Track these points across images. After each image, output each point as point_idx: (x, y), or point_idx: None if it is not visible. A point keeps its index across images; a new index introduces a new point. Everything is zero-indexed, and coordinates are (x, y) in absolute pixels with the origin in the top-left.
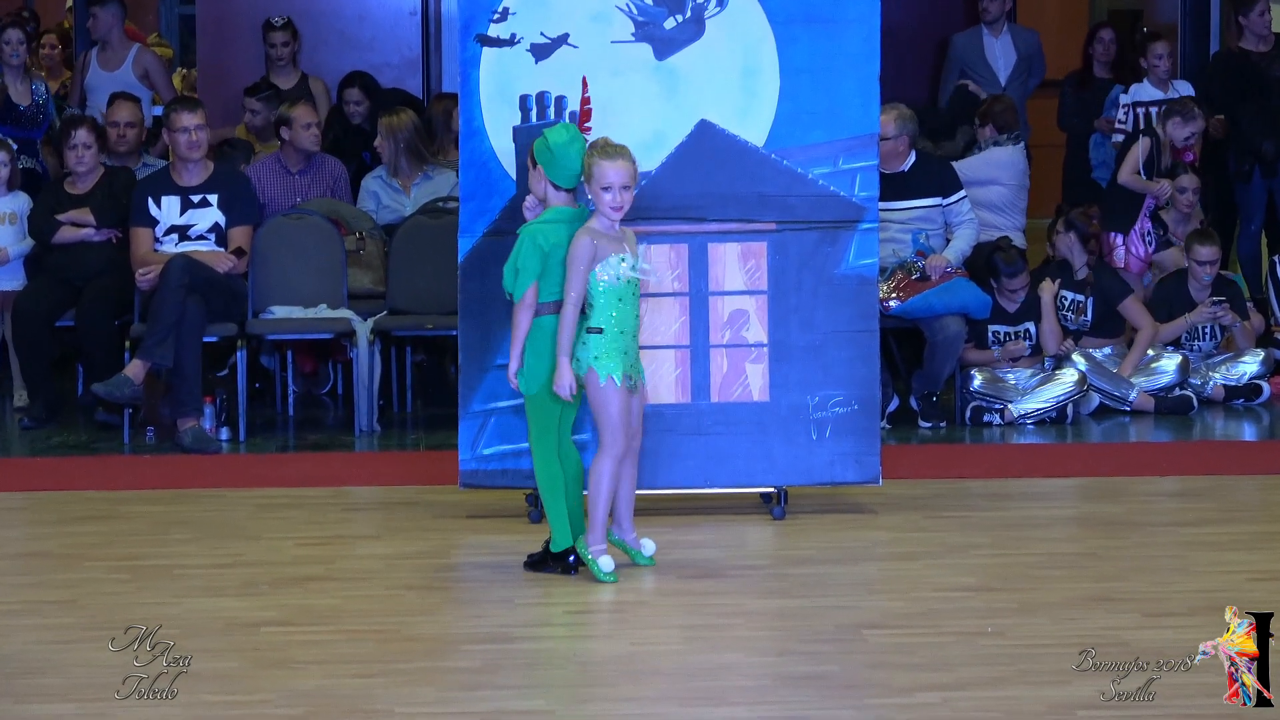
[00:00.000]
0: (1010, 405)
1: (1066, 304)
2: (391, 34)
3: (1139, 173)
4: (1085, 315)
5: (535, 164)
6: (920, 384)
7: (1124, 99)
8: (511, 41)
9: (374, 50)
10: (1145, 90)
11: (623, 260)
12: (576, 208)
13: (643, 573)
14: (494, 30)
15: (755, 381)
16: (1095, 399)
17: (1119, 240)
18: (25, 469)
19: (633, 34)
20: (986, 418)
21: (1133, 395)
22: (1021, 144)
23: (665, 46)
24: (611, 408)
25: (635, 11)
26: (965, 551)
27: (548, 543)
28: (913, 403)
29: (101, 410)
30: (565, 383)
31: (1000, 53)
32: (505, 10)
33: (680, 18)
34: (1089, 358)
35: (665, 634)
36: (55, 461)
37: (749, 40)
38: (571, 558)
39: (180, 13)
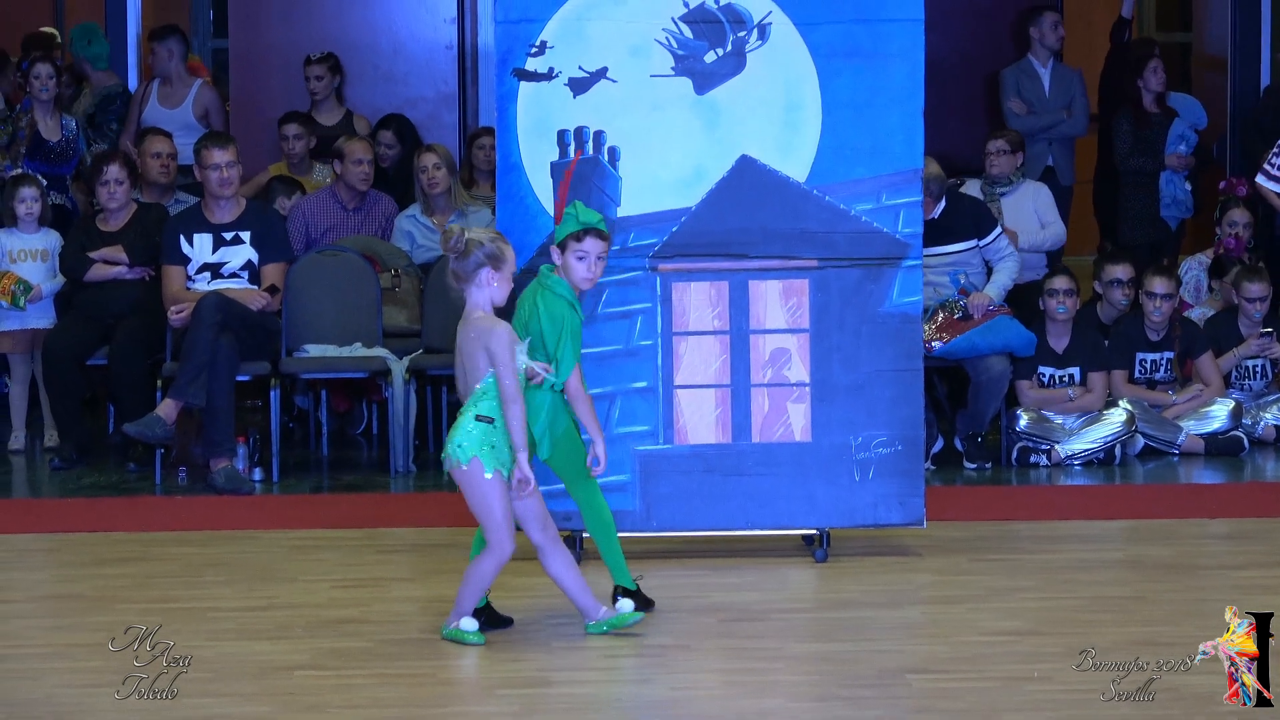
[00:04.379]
0: (1057, 446)
1: (1147, 365)
2: (428, 68)
3: None
4: (1166, 371)
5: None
6: (965, 424)
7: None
8: (549, 76)
9: (410, 85)
10: None
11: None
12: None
13: (682, 616)
14: (531, 64)
15: (797, 421)
16: (1141, 440)
17: None
18: (56, 510)
19: (672, 68)
20: (1033, 458)
21: (1180, 439)
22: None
23: (706, 80)
24: (494, 504)
25: (675, 45)
26: (1011, 595)
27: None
28: (957, 443)
29: (134, 465)
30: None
31: (1050, 84)
32: (543, 44)
33: (721, 51)
34: (1136, 403)
35: (705, 678)
36: (86, 502)
37: (791, 74)
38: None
39: (213, 46)
